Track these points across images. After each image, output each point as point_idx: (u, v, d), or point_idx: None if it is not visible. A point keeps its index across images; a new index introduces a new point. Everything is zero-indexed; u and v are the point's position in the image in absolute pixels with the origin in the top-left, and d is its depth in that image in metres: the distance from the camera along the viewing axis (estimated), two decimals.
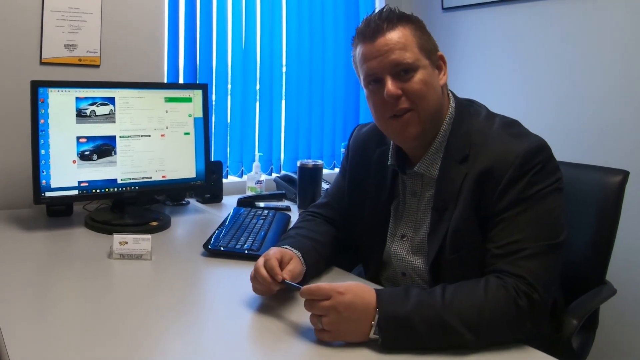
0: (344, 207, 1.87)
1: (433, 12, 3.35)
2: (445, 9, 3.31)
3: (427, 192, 1.64)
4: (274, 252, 1.57)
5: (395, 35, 1.52)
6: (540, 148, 1.48)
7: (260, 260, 1.54)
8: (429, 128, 1.57)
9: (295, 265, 1.59)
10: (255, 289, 1.55)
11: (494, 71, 3.08)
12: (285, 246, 1.65)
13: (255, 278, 1.53)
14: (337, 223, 1.88)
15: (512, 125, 1.58)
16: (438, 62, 1.60)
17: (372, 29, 1.54)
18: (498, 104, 1.78)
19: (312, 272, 1.68)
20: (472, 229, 1.51)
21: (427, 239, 1.61)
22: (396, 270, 1.74)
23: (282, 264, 1.54)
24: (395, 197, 1.73)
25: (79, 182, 2.16)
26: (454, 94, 1.67)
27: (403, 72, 1.52)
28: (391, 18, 1.54)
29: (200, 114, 2.43)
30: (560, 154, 1.63)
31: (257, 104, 3.15)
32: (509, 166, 1.45)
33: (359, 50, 1.59)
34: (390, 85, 1.51)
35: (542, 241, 1.41)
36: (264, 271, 1.50)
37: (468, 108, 1.64)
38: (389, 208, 1.73)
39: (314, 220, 1.88)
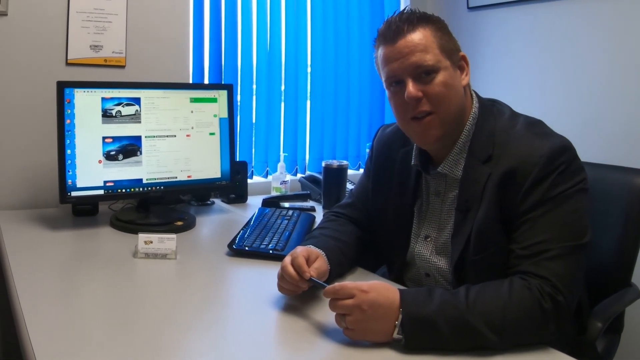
0: (368, 208, 1.86)
1: (458, 11, 3.34)
2: (470, 9, 3.29)
3: (451, 193, 1.63)
4: (300, 250, 1.57)
5: (415, 37, 1.52)
6: (565, 148, 1.46)
7: (288, 259, 1.54)
8: (450, 130, 1.56)
9: (321, 263, 1.59)
10: (281, 288, 1.55)
11: (520, 71, 3.05)
12: (310, 245, 1.65)
13: (282, 276, 1.53)
14: (361, 223, 1.88)
15: (535, 125, 1.56)
16: (460, 63, 1.59)
17: (392, 30, 1.54)
18: (523, 104, 1.77)
19: (337, 271, 1.67)
20: (496, 230, 1.50)
21: (451, 240, 1.60)
22: (420, 270, 1.73)
23: (308, 262, 1.54)
24: (419, 198, 1.72)
25: (105, 182, 2.18)
26: (477, 94, 1.65)
27: (424, 74, 1.51)
28: (412, 19, 1.54)
29: (225, 115, 2.44)
30: (586, 155, 1.62)
31: (282, 104, 3.16)
32: (533, 166, 1.44)
33: (380, 52, 1.59)
34: (411, 87, 1.50)
35: (567, 242, 1.39)
36: (291, 269, 1.50)
37: (491, 108, 1.63)
38: (413, 208, 1.73)
39: (338, 221, 1.88)
